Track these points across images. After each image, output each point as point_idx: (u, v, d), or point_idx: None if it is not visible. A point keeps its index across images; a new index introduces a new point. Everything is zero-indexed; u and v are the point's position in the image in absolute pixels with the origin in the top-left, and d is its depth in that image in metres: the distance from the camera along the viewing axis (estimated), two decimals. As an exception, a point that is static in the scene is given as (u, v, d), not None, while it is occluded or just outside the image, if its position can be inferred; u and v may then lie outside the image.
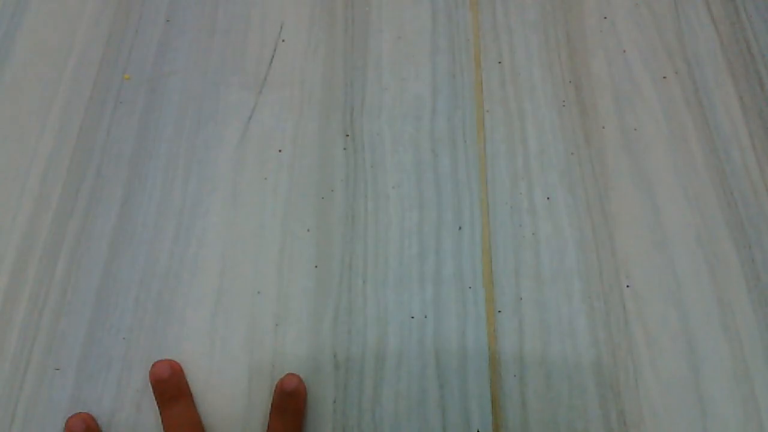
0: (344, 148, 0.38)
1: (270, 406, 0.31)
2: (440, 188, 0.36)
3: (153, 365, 0.31)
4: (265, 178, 0.37)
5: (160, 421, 0.31)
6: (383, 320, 0.33)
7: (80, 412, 0.31)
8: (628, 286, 0.34)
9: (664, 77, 0.40)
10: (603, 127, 0.38)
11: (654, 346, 0.32)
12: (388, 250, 0.35)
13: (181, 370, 0.32)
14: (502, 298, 0.33)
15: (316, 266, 0.34)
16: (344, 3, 0.43)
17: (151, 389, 0.31)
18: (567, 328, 0.33)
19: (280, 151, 0.38)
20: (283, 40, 0.41)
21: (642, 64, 0.40)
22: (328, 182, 0.37)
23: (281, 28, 0.42)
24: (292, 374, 0.31)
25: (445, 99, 0.39)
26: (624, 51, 0.40)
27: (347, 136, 0.38)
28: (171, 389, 0.31)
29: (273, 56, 0.41)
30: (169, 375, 0.31)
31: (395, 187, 0.37)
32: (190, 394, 0.31)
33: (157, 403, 0.31)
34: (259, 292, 0.34)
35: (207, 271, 0.34)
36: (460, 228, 0.35)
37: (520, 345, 0.32)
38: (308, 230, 0.35)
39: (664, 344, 0.32)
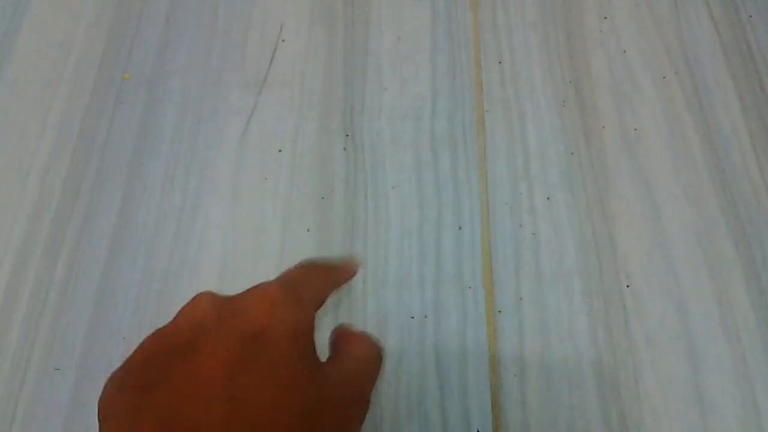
0: (344, 148, 0.38)
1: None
2: (440, 188, 0.36)
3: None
4: (265, 178, 0.37)
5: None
6: (383, 320, 0.33)
7: None
8: (628, 286, 0.34)
9: (664, 77, 0.40)
10: (603, 127, 0.38)
11: (654, 346, 0.32)
12: (388, 250, 0.35)
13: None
14: (502, 298, 0.33)
15: (316, 266, 0.34)
16: (344, 3, 0.43)
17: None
18: (567, 328, 0.33)
19: (280, 151, 0.38)
20: (283, 40, 0.41)
21: (642, 64, 0.40)
22: (328, 182, 0.37)
23: (281, 28, 0.42)
24: None
25: (445, 99, 0.39)
26: (624, 51, 0.40)
27: (347, 136, 0.38)
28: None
29: (273, 56, 0.41)
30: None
31: (395, 187, 0.37)
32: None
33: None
34: (259, 292, 0.34)
35: (207, 271, 0.34)
36: (460, 228, 0.35)
37: (520, 345, 0.32)
38: (308, 230, 0.35)
39: (664, 344, 0.32)
